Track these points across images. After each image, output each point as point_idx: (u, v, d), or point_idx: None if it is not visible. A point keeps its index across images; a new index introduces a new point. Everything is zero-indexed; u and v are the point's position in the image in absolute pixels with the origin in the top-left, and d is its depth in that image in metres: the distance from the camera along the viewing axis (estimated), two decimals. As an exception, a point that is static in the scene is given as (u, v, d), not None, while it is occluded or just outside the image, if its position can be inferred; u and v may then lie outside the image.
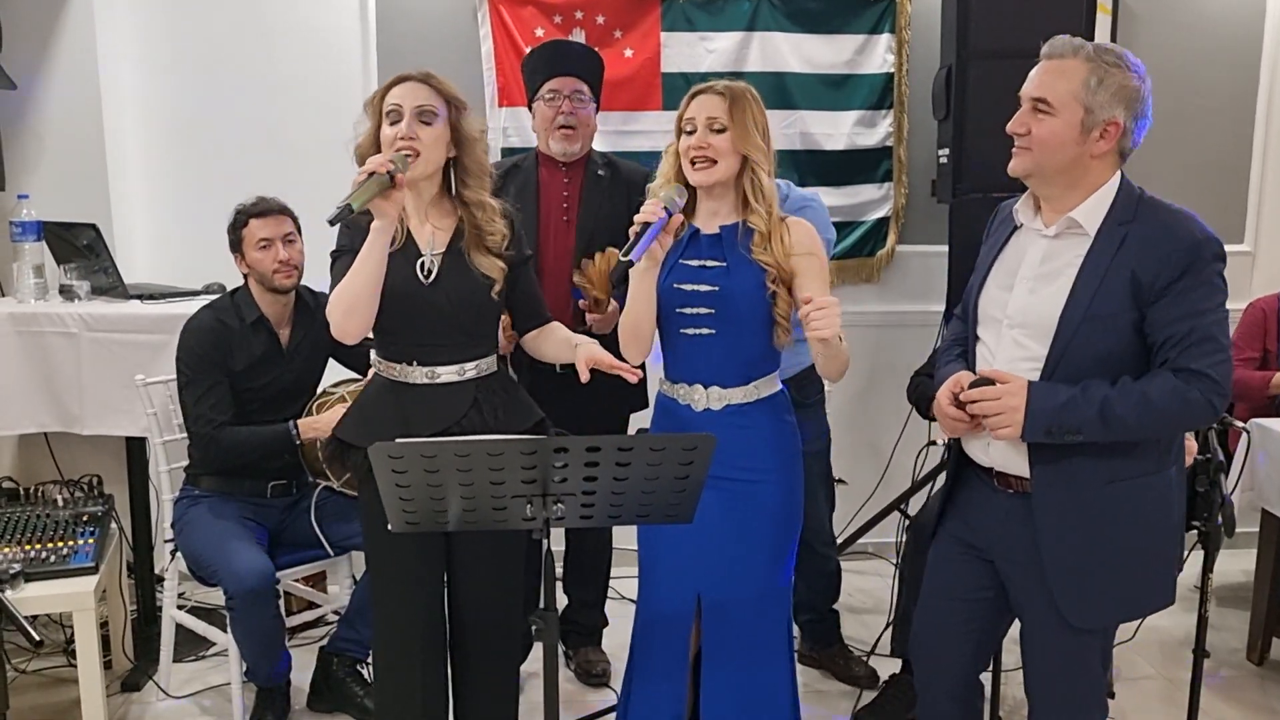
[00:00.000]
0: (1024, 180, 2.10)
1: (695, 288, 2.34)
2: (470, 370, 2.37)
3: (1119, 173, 2.06)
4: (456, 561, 2.45)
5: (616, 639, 3.25)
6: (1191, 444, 2.49)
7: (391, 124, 2.27)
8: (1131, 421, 1.96)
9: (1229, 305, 3.61)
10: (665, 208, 2.24)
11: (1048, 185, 2.06)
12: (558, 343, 2.52)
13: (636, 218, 2.23)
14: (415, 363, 2.34)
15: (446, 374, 2.35)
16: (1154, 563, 2.12)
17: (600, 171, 3.13)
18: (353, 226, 2.27)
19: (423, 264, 2.32)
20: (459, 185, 2.37)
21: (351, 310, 2.22)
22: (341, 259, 2.32)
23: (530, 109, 3.18)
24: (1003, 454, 2.12)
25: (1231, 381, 1.99)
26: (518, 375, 2.97)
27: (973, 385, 2.06)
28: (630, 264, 2.19)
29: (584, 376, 2.31)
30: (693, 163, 2.30)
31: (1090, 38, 3.72)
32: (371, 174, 2.12)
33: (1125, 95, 1.98)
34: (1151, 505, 2.08)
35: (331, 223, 2.09)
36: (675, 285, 2.34)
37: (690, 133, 2.32)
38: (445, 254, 2.34)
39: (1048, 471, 2.05)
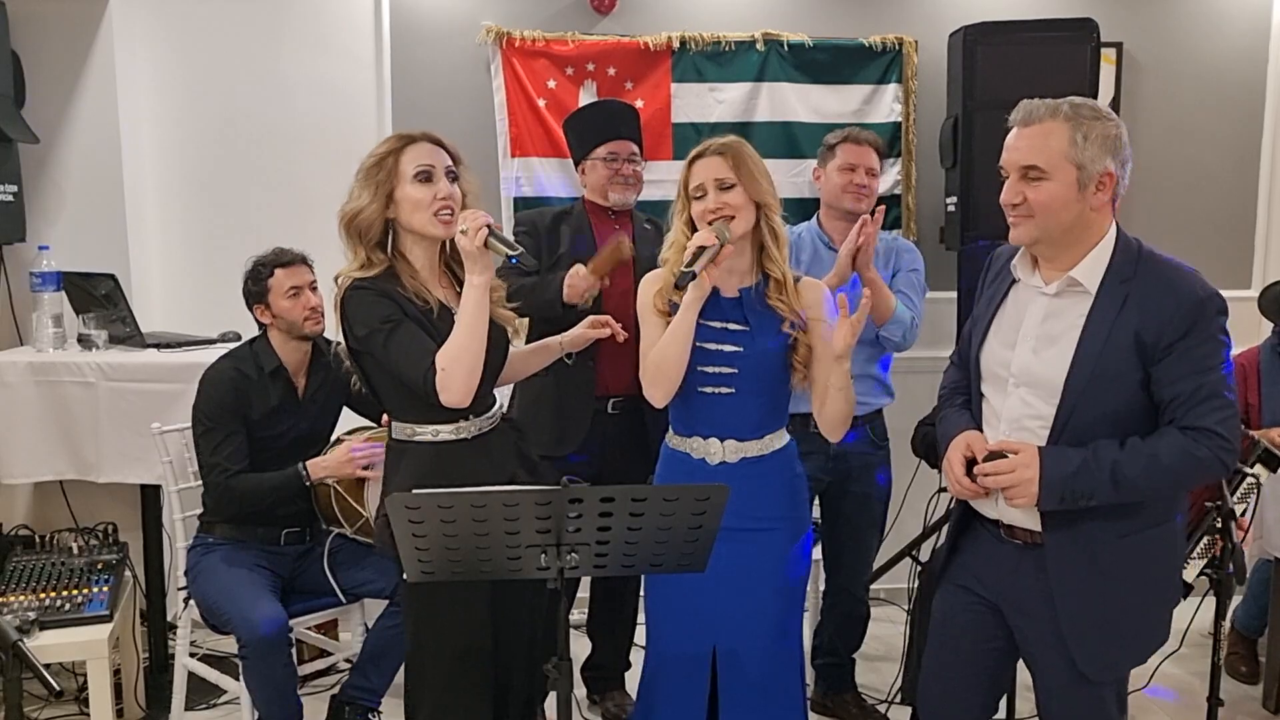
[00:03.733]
0: (1029, 247, 2.10)
1: (719, 348, 2.38)
2: (498, 407, 2.47)
3: (1114, 224, 2.07)
4: (499, 601, 2.44)
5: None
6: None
7: (422, 183, 2.29)
8: (1143, 483, 1.96)
9: (1239, 350, 3.63)
10: (717, 236, 2.30)
11: (1051, 246, 2.06)
12: (525, 354, 2.73)
13: (692, 242, 2.31)
14: (470, 415, 2.37)
15: (490, 420, 2.42)
16: (1159, 608, 2.14)
17: (646, 225, 3.27)
18: (394, 296, 2.27)
19: None
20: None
21: (474, 371, 2.23)
22: (401, 327, 2.25)
23: (579, 166, 3.29)
24: (1014, 511, 2.11)
25: (1239, 436, 2.00)
26: (559, 412, 3.13)
27: (985, 459, 2.06)
28: (693, 275, 2.24)
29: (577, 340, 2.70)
30: (711, 223, 2.34)
31: (1095, 87, 3.79)
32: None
33: (1110, 144, 1.99)
34: (1160, 554, 2.10)
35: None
36: (697, 344, 2.37)
37: (701, 197, 2.37)
38: None
39: (1061, 532, 2.05)
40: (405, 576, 1.97)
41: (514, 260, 2.25)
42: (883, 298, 3.04)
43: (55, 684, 1.94)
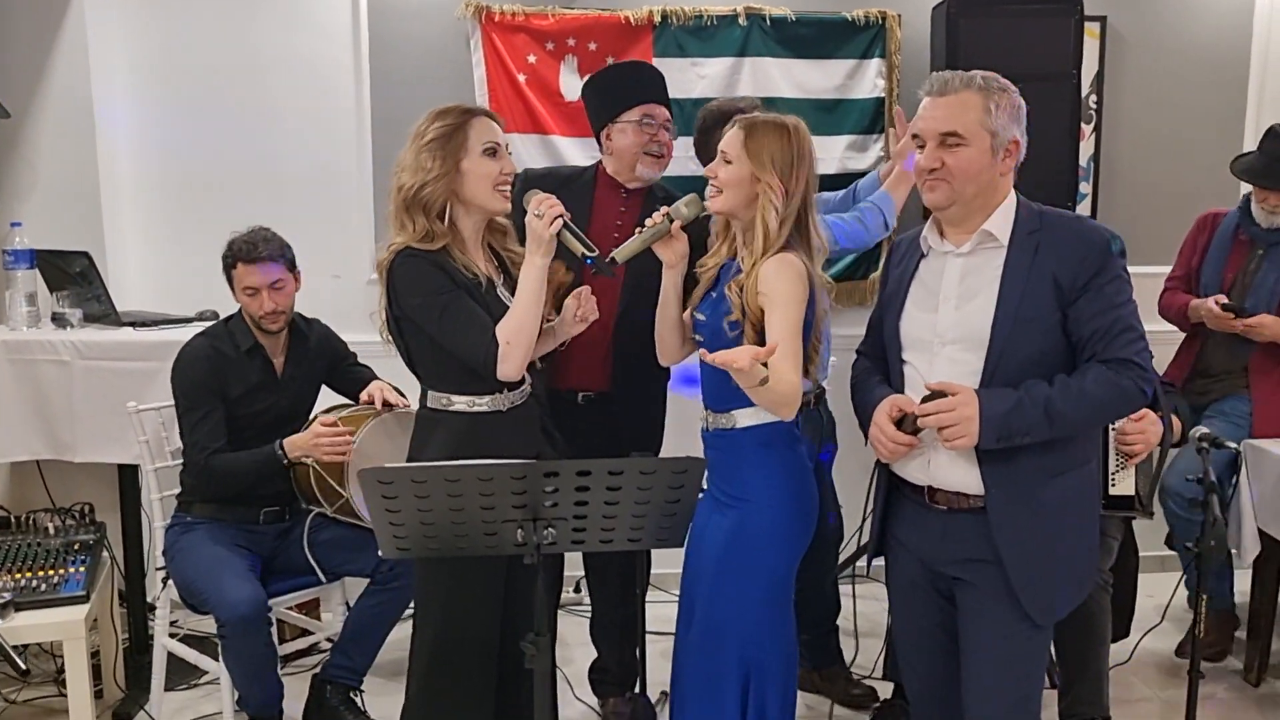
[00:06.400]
0: (942, 211, 2.19)
1: (699, 316, 2.43)
2: (528, 382, 2.47)
3: (1014, 188, 2.20)
4: (513, 589, 2.43)
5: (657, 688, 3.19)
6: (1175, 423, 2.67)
7: (489, 157, 2.34)
8: (1074, 416, 2.06)
9: None
10: (668, 215, 2.35)
11: (962, 209, 2.16)
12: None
13: (647, 222, 2.42)
14: (506, 389, 2.38)
15: (522, 391, 2.44)
16: (1090, 548, 2.26)
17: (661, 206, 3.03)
18: (447, 267, 2.31)
19: (501, 293, 2.40)
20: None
21: (531, 346, 2.30)
22: (457, 299, 2.30)
23: (602, 133, 2.99)
24: (944, 469, 2.18)
25: (1153, 366, 2.11)
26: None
27: (924, 401, 2.12)
28: (613, 261, 2.38)
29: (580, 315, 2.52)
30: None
31: (1079, 62, 3.79)
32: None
33: (1016, 114, 2.14)
34: (1086, 494, 2.21)
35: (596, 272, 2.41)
36: (694, 314, 2.46)
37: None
38: (504, 281, 2.44)
39: (999, 473, 2.12)
40: (380, 552, 1.96)
41: (589, 261, 2.29)
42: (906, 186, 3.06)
43: (21, 664, 1.92)
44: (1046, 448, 2.09)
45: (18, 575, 2.88)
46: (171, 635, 3.21)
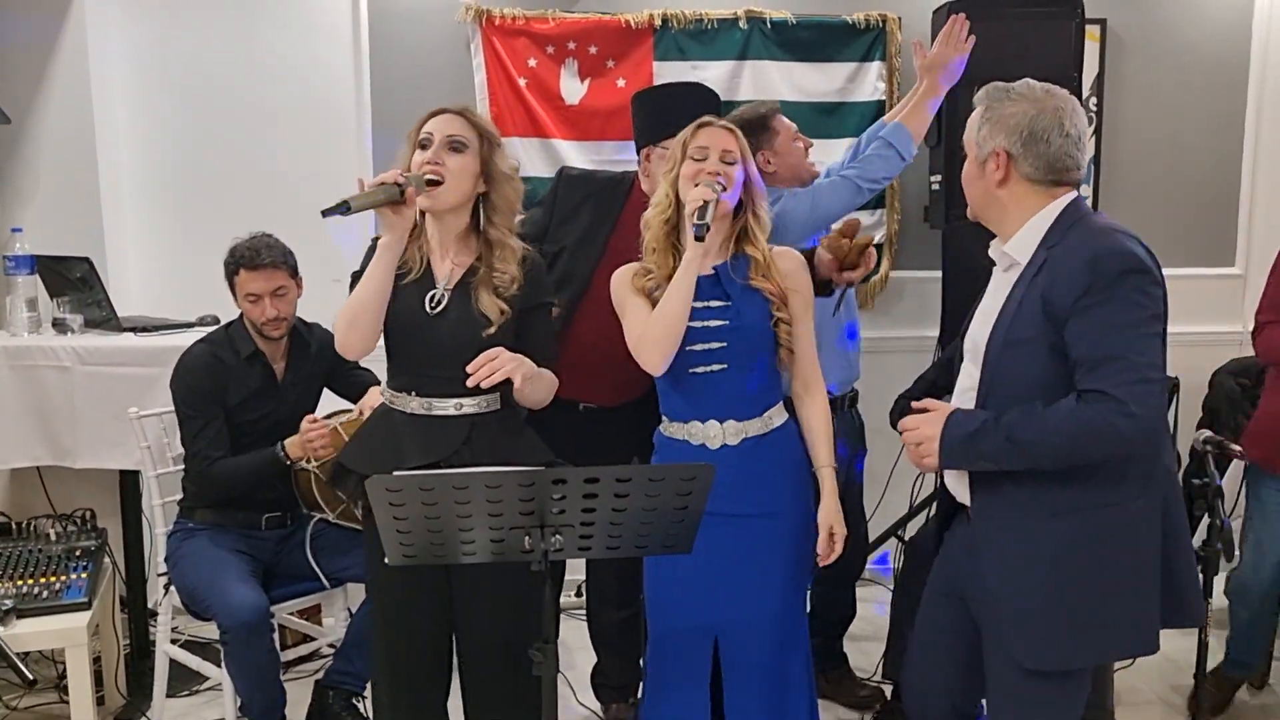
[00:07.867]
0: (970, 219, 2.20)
1: (706, 324, 2.34)
2: (468, 406, 2.33)
3: (1059, 200, 2.03)
4: (459, 585, 2.42)
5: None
6: None
7: (419, 149, 2.32)
8: (1038, 448, 1.91)
9: (1224, 328, 3.53)
10: (712, 190, 2.29)
11: (986, 223, 2.15)
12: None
13: (693, 196, 2.27)
14: (414, 393, 2.35)
15: (441, 407, 2.33)
16: (1124, 602, 1.98)
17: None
18: (373, 253, 2.33)
19: (433, 296, 2.33)
20: (485, 222, 2.39)
21: (353, 323, 2.27)
22: (356, 280, 2.36)
23: (643, 151, 2.90)
24: (952, 483, 2.15)
25: (1148, 401, 1.87)
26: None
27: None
28: (708, 226, 2.22)
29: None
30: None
31: (1079, 64, 3.78)
32: (382, 183, 2.19)
33: (1008, 124, 2.01)
34: (1114, 539, 1.97)
35: (324, 214, 2.15)
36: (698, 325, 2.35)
37: (702, 160, 2.34)
38: (455, 288, 2.35)
39: (985, 500, 2.06)
40: (386, 560, 1.95)
41: (329, 208, 2.15)
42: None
43: (28, 673, 1.92)
44: (1041, 482, 1.96)
45: (19, 582, 2.87)
46: (173, 641, 3.20)
